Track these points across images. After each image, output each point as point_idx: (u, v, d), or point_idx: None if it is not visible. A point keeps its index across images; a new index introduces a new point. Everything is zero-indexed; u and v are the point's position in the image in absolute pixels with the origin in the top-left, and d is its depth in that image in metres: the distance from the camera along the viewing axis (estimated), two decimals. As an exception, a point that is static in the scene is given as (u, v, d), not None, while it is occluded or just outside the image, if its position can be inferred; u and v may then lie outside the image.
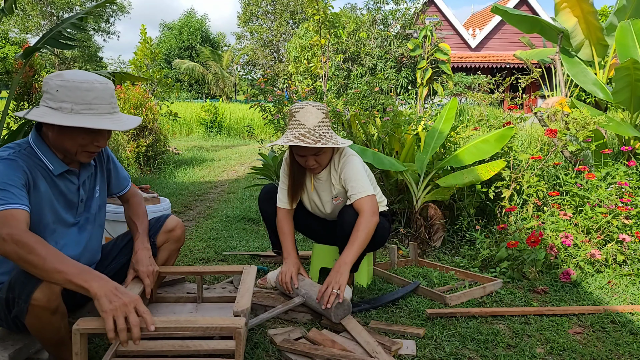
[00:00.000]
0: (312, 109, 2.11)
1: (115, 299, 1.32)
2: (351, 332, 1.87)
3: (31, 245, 1.33)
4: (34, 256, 1.32)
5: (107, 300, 1.31)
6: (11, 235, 1.33)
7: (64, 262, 1.34)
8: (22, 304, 1.37)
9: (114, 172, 1.87)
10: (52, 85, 1.48)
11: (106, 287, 1.33)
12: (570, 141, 3.37)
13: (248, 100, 5.85)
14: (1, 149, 1.52)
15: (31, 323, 1.42)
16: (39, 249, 1.33)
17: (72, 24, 3.42)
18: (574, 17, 4.38)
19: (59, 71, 1.56)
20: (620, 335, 1.98)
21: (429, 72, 10.07)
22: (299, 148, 2.12)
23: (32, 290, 1.36)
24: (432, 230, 3.25)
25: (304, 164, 2.19)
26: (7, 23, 27.57)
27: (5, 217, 1.36)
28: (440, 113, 3.66)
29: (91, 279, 1.34)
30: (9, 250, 1.33)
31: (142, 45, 7.98)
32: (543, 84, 6.64)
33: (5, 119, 3.55)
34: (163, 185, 5.69)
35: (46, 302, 1.37)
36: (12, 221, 1.36)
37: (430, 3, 18.36)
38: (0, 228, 1.34)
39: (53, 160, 1.56)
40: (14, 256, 1.33)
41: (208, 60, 33.48)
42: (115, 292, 1.34)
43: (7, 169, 1.45)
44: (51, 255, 1.34)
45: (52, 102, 1.48)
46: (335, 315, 1.93)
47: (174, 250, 1.96)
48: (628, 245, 2.69)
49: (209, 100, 14.36)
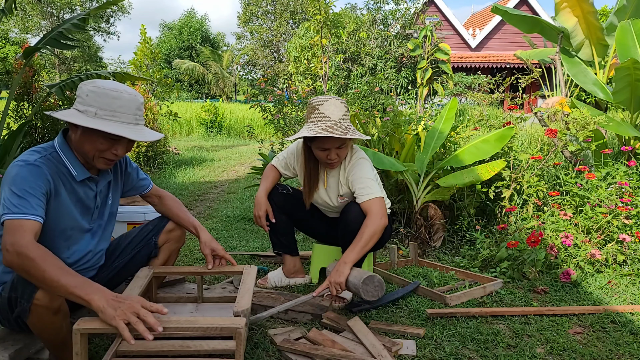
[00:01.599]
0: (336, 102, 2.11)
1: (118, 305, 1.34)
2: (357, 334, 1.86)
3: (32, 257, 1.34)
4: (34, 270, 1.34)
5: (111, 309, 1.32)
6: (14, 246, 1.35)
7: (65, 275, 1.35)
8: (25, 303, 1.38)
9: (134, 174, 1.92)
10: (84, 90, 1.54)
11: (107, 297, 1.35)
12: (570, 141, 3.37)
13: (248, 100, 5.86)
14: (28, 152, 1.54)
15: (33, 323, 1.42)
16: (39, 262, 1.34)
17: (73, 25, 3.43)
18: (574, 17, 4.38)
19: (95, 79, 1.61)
20: (621, 335, 1.98)
21: (429, 72, 10.07)
22: (324, 141, 2.10)
23: (35, 290, 1.38)
24: (432, 230, 3.25)
25: (325, 157, 2.16)
26: (7, 23, 27.58)
27: (14, 227, 1.38)
28: (441, 113, 3.66)
29: (92, 292, 1.34)
30: (10, 261, 1.36)
31: (142, 46, 7.98)
32: (543, 84, 6.64)
33: (5, 119, 3.55)
34: (163, 185, 5.69)
35: (48, 302, 1.39)
36: (19, 232, 1.38)
37: (430, 3, 18.36)
38: (7, 238, 1.37)
39: (77, 166, 1.60)
40: (16, 267, 1.36)
41: (208, 60, 33.48)
42: (116, 299, 1.36)
43: (31, 175, 1.47)
44: (52, 268, 1.35)
45: (80, 106, 1.53)
46: (364, 292, 1.89)
47: (174, 250, 1.97)
48: (628, 245, 2.69)
49: (209, 101, 14.35)
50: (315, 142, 2.16)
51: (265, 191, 2.43)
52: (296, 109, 4.63)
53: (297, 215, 2.50)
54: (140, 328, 1.32)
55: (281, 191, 2.46)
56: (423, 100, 10.21)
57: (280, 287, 2.50)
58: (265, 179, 2.48)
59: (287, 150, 2.50)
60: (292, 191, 2.49)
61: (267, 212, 2.39)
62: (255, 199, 2.41)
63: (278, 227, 2.47)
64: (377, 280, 1.91)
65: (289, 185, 2.54)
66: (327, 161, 2.19)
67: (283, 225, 2.48)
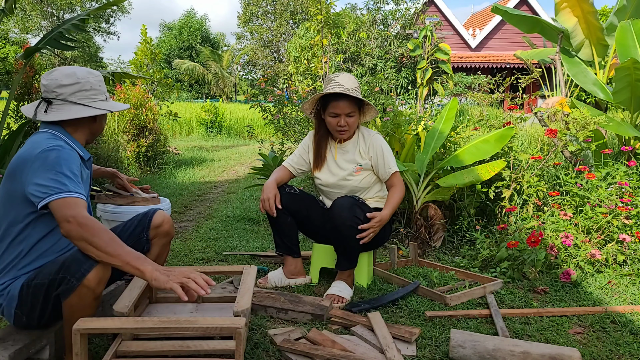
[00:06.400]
0: (350, 75, 2.36)
1: (169, 272, 1.45)
2: (373, 326, 1.94)
3: (95, 228, 1.44)
4: (97, 238, 1.43)
5: (164, 276, 1.43)
6: (75, 218, 1.44)
7: (122, 247, 1.46)
8: (75, 282, 1.45)
9: None
10: (94, 82, 1.70)
11: (158, 269, 1.46)
12: (570, 141, 3.37)
13: (248, 100, 5.86)
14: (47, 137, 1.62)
15: (72, 303, 1.48)
16: (101, 232, 1.45)
17: (73, 25, 3.42)
18: (574, 17, 4.38)
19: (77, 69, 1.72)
20: (621, 335, 1.98)
21: (429, 72, 10.06)
22: (336, 105, 2.31)
23: (88, 269, 1.45)
24: (432, 230, 3.25)
25: (336, 124, 2.35)
26: (7, 23, 27.57)
27: (72, 202, 1.48)
28: (441, 113, 3.66)
29: (146, 263, 1.45)
30: (72, 230, 1.43)
31: (142, 46, 7.98)
32: (543, 84, 6.63)
33: (5, 119, 3.55)
34: (163, 185, 5.69)
35: (96, 284, 1.46)
36: (78, 207, 1.48)
37: (430, 3, 18.36)
38: (66, 211, 1.45)
39: (82, 149, 1.73)
40: (77, 237, 1.44)
41: (208, 60, 33.48)
42: (166, 269, 1.47)
43: (71, 158, 1.59)
44: (111, 239, 1.45)
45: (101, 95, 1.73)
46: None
47: (164, 244, 1.98)
48: (628, 245, 2.69)
49: (209, 101, 14.33)
50: (328, 108, 2.36)
51: (274, 180, 2.46)
52: (296, 109, 4.62)
53: (302, 215, 2.51)
54: (192, 286, 1.43)
55: (289, 191, 2.50)
56: (423, 101, 10.21)
57: (280, 287, 2.51)
58: (274, 173, 2.53)
59: (297, 150, 2.59)
60: (300, 192, 2.53)
61: (275, 197, 2.40)
62: (264, 185, 2.43)
63: (283, 229, 2.47)
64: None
65: (295, 187, 2.57)
66: (337, 128, 2.37)
67: (288, 227, 2.49)
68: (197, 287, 1.43)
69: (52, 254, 1.63)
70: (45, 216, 1.56)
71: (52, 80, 1.65)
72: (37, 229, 1.59)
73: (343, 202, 2.28)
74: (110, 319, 1.43)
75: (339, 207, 2.26)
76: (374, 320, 1.98)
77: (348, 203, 2.27)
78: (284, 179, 2.54)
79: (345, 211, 2.24)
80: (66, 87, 1.65)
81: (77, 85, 1.66)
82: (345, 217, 2.24)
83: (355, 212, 2.26)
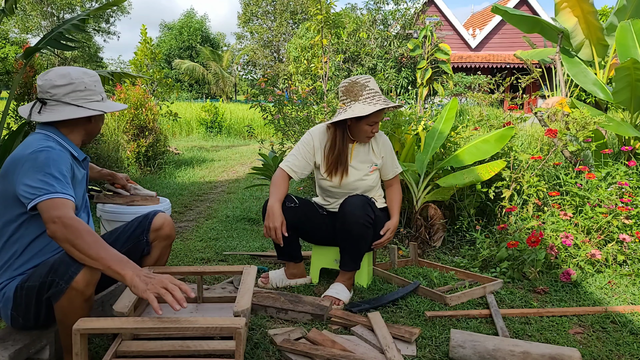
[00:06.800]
0: (373, 79, 2.39)
1: (149, 280, 1.42)
2: (373, 326, 1.93)
3: (80, 229, 1.43)
4: (80, 240, 1.42)
5: (142, 283, 1.40)
6: (61, 219, 1.43)
7: (105, 250, 1.44)
8: (63, 284, 1.44)
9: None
10: (88, 83, 1.69)
11: (139, 274, 1.43)
12: (570, 141, 3.37)
13: (248, 100, 5.85)
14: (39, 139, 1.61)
15: (62, 306, 1.47)
16: (84, 234, 1.43)
17: (73, 25, 3.42)
18: (574, 17, 4.38)
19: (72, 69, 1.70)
20: (621, 335, 1.98)
21: (429, 72, 10.07)
22: (378, 114, 2.31)
23: (76, 272, 1.43)
24: (432, 230, 3.25)
25: (370, 131, 2.35)
26: (7, 23, 27.57)
27: (59, 203, 1.47)
28: (441, 113, 3.66)
29: (127, 267, 1.43)
30: (57, 231, 1.43)
31: (142, 46, 7.98)
32: (543, 84, 6.63)
33: (5, 119, 3.55)
34: (163, 185, 5.69)
35: (84, 287, 1.45)
36: (65, 208, 1.47)
37: (430, 3, 18.36)
38: (53, 211, 1.45)
39: (76, 149, 1.72)
40: (62, 238, 1.43)
41: (208, 60, 33.46)
42: (147, 275, 1.45)
43: (61, 160, 1.57)
44: (95, 242, 1.44)
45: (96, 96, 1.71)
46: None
47: (165, 246, 1.96)
48: (628, 245, 2.69)
49: (209, 101, 14.33)
50: (370, 117, 2.30)
51: (278, 201, 2.27)
52: (296, 109, 4.62)
53: (303, 227, 2.47)
54: (168, 299, 1.39)
55: (289, 206, 2.38)
56: (423, 101, 10.21)
57: (280, 287, 2.51)
58: (276, 188, 2.33)
59: (296, 150, 2.44)
60: (300, 202, 2.44)
61: (282, 225, 2.23)
62: (269, 209, 2.24)
63: (285, 244, 2.39)
64: None
65: (294, 196, 2.47)
66: (370, 135, 2.37)
67: (290, 238, 2.43)
68: (173, 301, 1.38)
69: (47, 253, 1.63)
70: (38, 216, 1.55)
71: (46, 81, 1.65)
72: (30, 228, 1.59)
73: (355, 200, 2.27)
74: (110, 319, 1.43)
75: (351, 206, 2.25)
76: (374, 320, 1.98)
77: (360, 202, 2.26)
78: (286, 190, 2.38)
79: (359, 210, 2.23)
80: (60, 88, 1.64)
81: (71, 85, 1.65)
82: (359, 216, 2.22)
83: (367, 210, 2.25)
